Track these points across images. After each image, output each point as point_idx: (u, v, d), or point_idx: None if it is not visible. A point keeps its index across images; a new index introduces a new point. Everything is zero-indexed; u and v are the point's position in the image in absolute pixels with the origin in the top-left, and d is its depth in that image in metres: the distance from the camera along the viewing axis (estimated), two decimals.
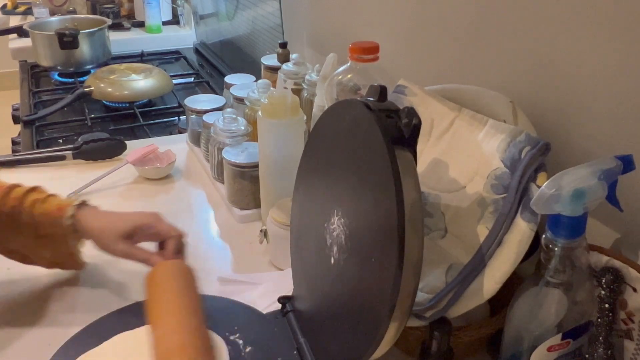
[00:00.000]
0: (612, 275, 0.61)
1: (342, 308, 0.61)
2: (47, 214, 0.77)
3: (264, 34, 1.56)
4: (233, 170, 0.99)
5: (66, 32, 1.83)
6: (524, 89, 0.77)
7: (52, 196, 0.79)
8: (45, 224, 0.77)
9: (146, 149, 1.18)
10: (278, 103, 0.88)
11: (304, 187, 0.73)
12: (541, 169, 0.61)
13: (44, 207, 0.77)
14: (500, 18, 0.80)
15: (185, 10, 2.37)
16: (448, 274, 0.65)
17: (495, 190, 0.64)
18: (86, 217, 0.77)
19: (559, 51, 0.71)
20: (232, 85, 1.26)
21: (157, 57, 2.15)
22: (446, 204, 0.69)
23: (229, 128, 1.05)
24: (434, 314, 0.62)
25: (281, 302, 0.75)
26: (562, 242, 0.54)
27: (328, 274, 0.64)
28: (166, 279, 0.72)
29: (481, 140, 0.68)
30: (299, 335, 0.69)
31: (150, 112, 1.62)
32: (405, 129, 0.56)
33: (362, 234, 0.57)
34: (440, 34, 0.94)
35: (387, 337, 0.54)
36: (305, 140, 0.95)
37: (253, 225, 0.99)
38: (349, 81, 0.85)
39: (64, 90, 1.80)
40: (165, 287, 0.71)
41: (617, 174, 0.55)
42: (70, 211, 0.77)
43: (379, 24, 1.11)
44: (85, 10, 2.49)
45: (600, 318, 0.61)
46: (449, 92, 0.76)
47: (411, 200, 0.52)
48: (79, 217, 0.77)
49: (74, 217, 0.77)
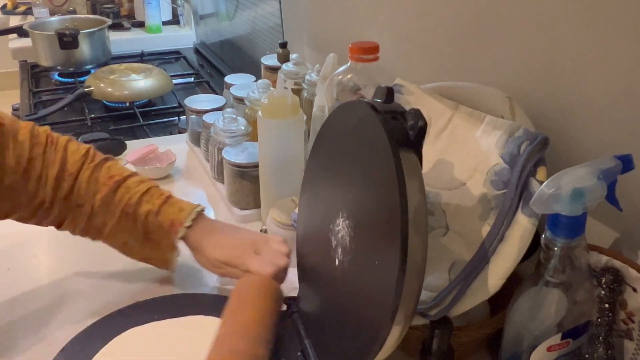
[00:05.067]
0: (612, 275, 0.61)
1: (345, 310, 0.61)
2: (160, 227, 0.78)
3: (264, 34, 1.56)
4: (233, 170, 0.99)
5: (66, 32, 1.83)
6: (521, 86, 0.77)
7: (165, 205, 0.79)
8: (156, 232, 0.78)
9: (146, 149, 1.18)
10: (278, 103, 0.88)
11: (310, 188, 0.73)
12: (540, 163, 0.62)
13: (158, 220, 0.77)
14: (499, 15, 0.80)
15: (185, 10, 2.37)
16: (451, 272, 0.65)
17: (495, 186, 0.65)
18: (194, 236, 0.78)
19: (557, 48, 0.71)
20: (232, 85, 1.26)
21: (157, 57, 2.15)
22: (447, 201, 0.69)
23: (229, 128, 1.05)
24: (438, 312, 0.62)
25: (286, 302, 0.75)
26: (561, 242, 0.54)
27: (332, 275, 0.64)
28: (254, 292, 0.72)
29: (479, 136, 0.68)
30: (303, 337, 0.69)
31: (150, 112, 1.62)
32: (411, 131, 0.56)
33: (366, 236, 0.57)
34: (439, 33, 0.94)
35: (390, 340, 0.53)
36: (305, 140, 0.95)
37: (253, 225, 0.99)
38: (349, 81, 0.85)
39: (64, 90, 1.80)
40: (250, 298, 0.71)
41: (616, 173, 0.55)
42: (182, 232, 0.77)
43: (379, 24, 1.11)
44: (85, 10, 2.49)
45: (600, 318, 0.61)
46: (446, 90, 0.76)
47: (415, 203, 0.52)
48: (189, 236, 0.78)
49: (185, 237, 0.78)
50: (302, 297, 0.74)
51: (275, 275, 0.75)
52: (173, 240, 0.78)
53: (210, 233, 0.79)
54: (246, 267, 0.76)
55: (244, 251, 0.77)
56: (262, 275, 0.74)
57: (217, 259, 0.77)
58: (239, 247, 0.78)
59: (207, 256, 0.78)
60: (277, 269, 0.75)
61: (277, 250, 0.78)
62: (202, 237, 0.78)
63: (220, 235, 0.79)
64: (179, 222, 0.78)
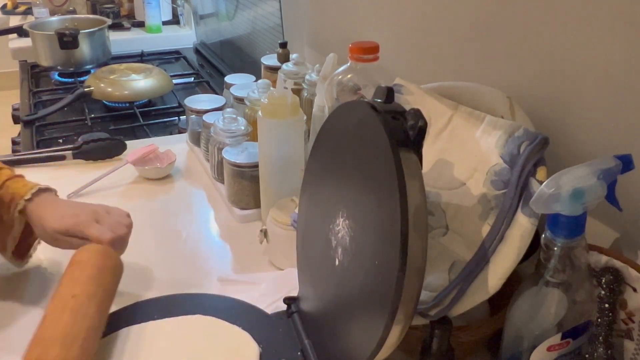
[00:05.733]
0: (612, 275, 0.61)
1: (345, 310, 0.61)
2: (1, 201, 0.78)
3: (264, 34, 1.56)
4: (233, 170, 0.99)
5: (66, 32, 1.83)
6: (521, 86, 0.77)
7: (10, 181, 0.79)
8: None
9: (146, 149, 1.18)
10: (278, 103, 0.88)
11: (310, 188, 0.73)
12: (540, 163, 0.62)
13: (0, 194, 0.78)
14: (499, 15, 0.80)
15: (185, 10, 2.37)
16: (451, 272, 0.65)
17: (495, 186, 0.65)
18: (34, 209, 0.78)
19: (557, 48, 0.71)
20: (232, 85, 1.26)
21: (157, 57, 2.15)
22: (447, 201, 0.69)
23: (229, 128, 1.05)
24: (438, 312, 0.62)
25: (286, 302, 0.75)
26: (561, 242, 0.54)
27: (332, 275, 0.64)
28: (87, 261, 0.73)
29: (479, 136, 0.68)
30: (304, 337, 0.69)
31: (150, 112, 1.62)
32: (411, 131, 0.56)
33: (366, 237, 0.57)
34: (439, 33, 0.94)
35: (389, 340, 0.53)
36: (305, 140, 0.95)
37: (253, 225, 0.99)
38: (349, 81, 0.85)
39: (64, 90, 1.80)
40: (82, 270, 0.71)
41: (616, 173, 0.55)
42: (21, 205, 0.77)
43: (379, 24, 1.11)
44: (85, 10, 2.49)
45: (600, 318, 0.61)
46: (446, 90, 0.76)
47: (416, 203, 0.52)
48: (28, 209, 0.78)
49: (24, 211, 0.77)
50: (302, 297, 0.74)
51: (113, 242, 0.76)
52: (13, 214, 0.77)
53: (50, 205, 0.79)
54: (84, 234, 0.76)
55: (84, 219, 0.77)
56: (101, 242, 0.75)
57: (56, 229, 0.76)
58: (79, 215, 0.78)
59: (46, 227, 0.77)
60: (116, 236, 0.76)
61: (118, 220, 0.79)
62: (42, 209, 0.78)
63: (60, 207, 0.79)
64: (19, 195, 0.78)
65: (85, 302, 0.67)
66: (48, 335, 0.63)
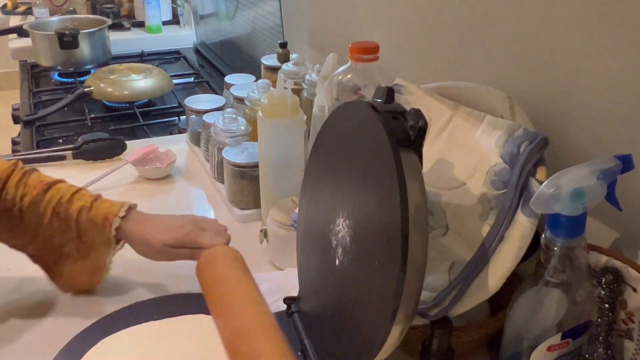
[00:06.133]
0: (612, 275, 0.61)
1: (346, 310, 0.61)
2: (93, 222, 0.77)
3: (264, 34, 1.56)
4: (233, 170, 0.99)
5: (66, 32, 1.83)
6: (521, 86, 0.77)
7: (97, 201, 0.78)
8: (90, 231, 0.77)
9: (146, 149, 1.19)
10: (278, 103, 0.88)
11: (311, 188, 0.73)
12: (540, 163, 0.62)
13: (90, 216, 0.77)
14: (499, 15, 0.80)
15: (185, 10, 2.37)
16: (451, 272, 0.65)
17: (495, 186, 0.65)
18: (130, 226, 0.77)
19: (557, 48, 0.71)
20: (232, 85, 1.26)
21: (157, 57, 2.14)
22: (447, 201, 0.69)
23: (229, 128, 1.05)
24: (438, 312, 0.62)
25: (286, 302, 0.75)
26: (561, 242, 0.54)
27: (333, 275, 0.64)
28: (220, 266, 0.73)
29: (479, 136, 0.68)
30: (304, 337, 0.69)
31: (150, 112, 1.62)
32: (411, 131, 0.56)
33: (367, 236, 0.57)
34: (439, 33, 0.94)
35: (390, 340, 0.54)
36: (305, 140, 0.95)
37: (253, 225, 0.99)
38: (349, 81, 0.85)
39: (64, 90, 1.80)
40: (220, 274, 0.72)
41: (616, 173, 0.55)
42: (117, 223, 0.77)
43: (379, 24, 1.11)
44: (85, 10, 2.49)
45: (600, 318, 0.61)
46: (446, 90, 0.76)
47: (416, 203, 0.52)
48: (124, 227, 0.77)
49: (120, 228, 0.77)
50: (302, 297, 0.74)
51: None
52: (108, 234, 0.77)
53: (147, 221, 0.79)
54: (197, 244, 0.76)
55: (190, 229, 0.78)
56: (221, 245, 0.76)
57: (164, 242, 0.76)
58: (184, 226, 0.78)
59: (152, 242, 0.77)
60: (227, 240, 0.78)
61: (216, 226, 0.81)
62: (139, 226, 0.78)
63: (158, 222, 0.79)
64: (112, 214, 0.77)
65: (259, 297, 0.69)
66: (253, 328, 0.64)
